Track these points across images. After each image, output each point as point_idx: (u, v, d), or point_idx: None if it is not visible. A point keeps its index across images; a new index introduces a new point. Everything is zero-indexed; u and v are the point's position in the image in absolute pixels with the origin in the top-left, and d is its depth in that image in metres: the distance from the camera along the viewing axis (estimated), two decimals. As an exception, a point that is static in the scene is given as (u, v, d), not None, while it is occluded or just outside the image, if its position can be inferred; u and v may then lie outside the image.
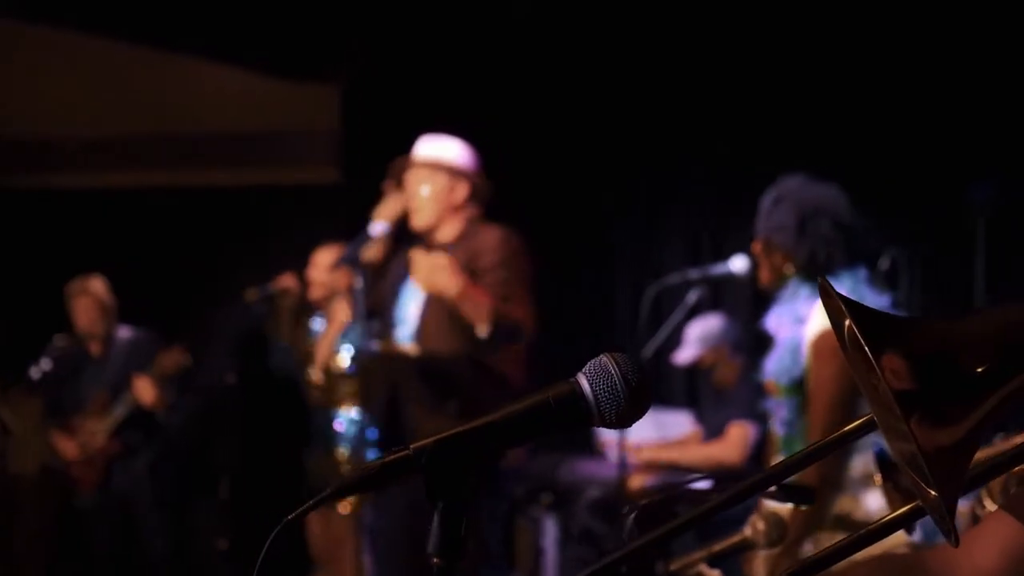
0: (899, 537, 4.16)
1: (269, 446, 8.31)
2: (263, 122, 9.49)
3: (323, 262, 7.17)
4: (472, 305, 5.62)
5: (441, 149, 6.05)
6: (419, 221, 5.95)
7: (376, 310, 6.18)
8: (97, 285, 8.26)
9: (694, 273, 5.17)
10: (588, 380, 1.72)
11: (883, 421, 1.57)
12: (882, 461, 2.99)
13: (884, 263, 6.63)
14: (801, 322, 4.33)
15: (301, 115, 9.43)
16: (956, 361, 1.53)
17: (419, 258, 5.76)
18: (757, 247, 4.54)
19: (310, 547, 7.45)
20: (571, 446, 8.03)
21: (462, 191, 5.95)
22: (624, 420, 1.73)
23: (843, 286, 4.25)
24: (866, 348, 1.52)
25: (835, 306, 1.60)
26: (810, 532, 4.11)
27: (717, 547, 3.03)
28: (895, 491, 3.02)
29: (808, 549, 4.06)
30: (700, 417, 8.10)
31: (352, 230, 8.67)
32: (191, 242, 9.40)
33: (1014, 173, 7.52)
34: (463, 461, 1.71)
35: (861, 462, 4.14)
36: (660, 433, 7.87)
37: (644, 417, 1.73)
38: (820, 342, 4.22)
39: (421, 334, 5.94)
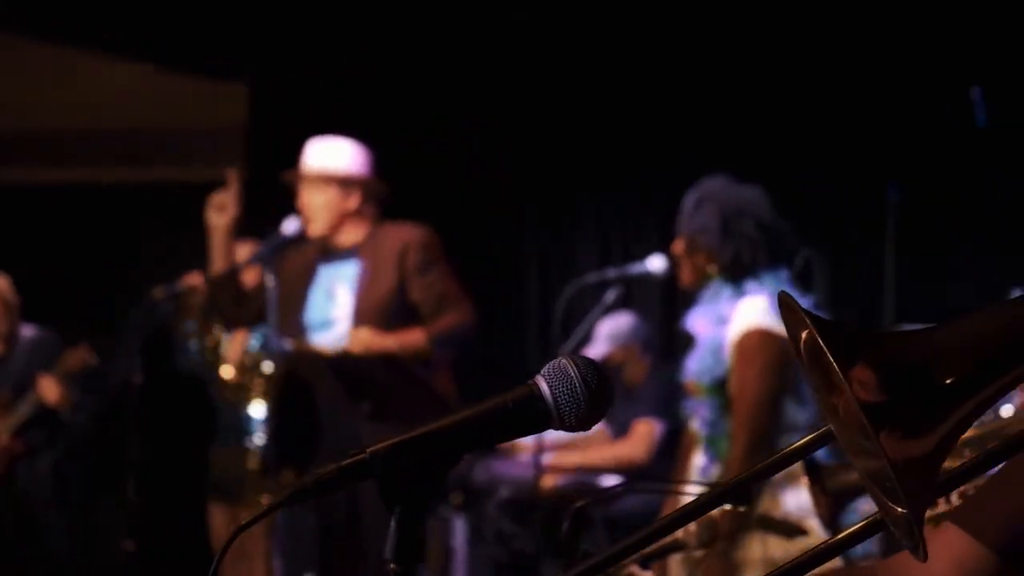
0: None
1: (176, 445, 8.21)
2: (169, 119, 9.39)
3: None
4: (412, 348, 5.66)
5: (331, 156, 6.00)
6: (315, 230, 5.99)
7: (283, 310, 6.12)
8: (0, 283, 8.14)
9: (611, 272, 5.15)
10: (547, 382, 1.70)
11: (844, 437, 1.55)
12: (809, 465, 3.00)
13: (798, 263, 6.71)
14: (723, 323, 4.34)
15: (208, 112, 9.32)
16: (926, 371, 1.52)
17: (352, 337, 5.78)
18: (679, 247, 4.53)
19: (213, 547, 7.36)
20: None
21: (355, 198, 5.94)
22: (584, 423, 1.71)
23: (766, 288, 4.27)
24: (832, 361, 1.49)
25: (795, 319, 1.57)
26: (738, 533, 4.11)
27: (648, 549, 3.00)
28: (822, 494, 3.03)
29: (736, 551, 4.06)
30: (608, 414, 8.11)
31: (258, 228, 8.65)
32: (96, 239, 9.28)
33: (921, 174, 7.62)
34: (420, 465, 1.67)
35: None
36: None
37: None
38: (744, 342, 4.24)
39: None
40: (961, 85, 7.44)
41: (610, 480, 7.50)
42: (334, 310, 6.01)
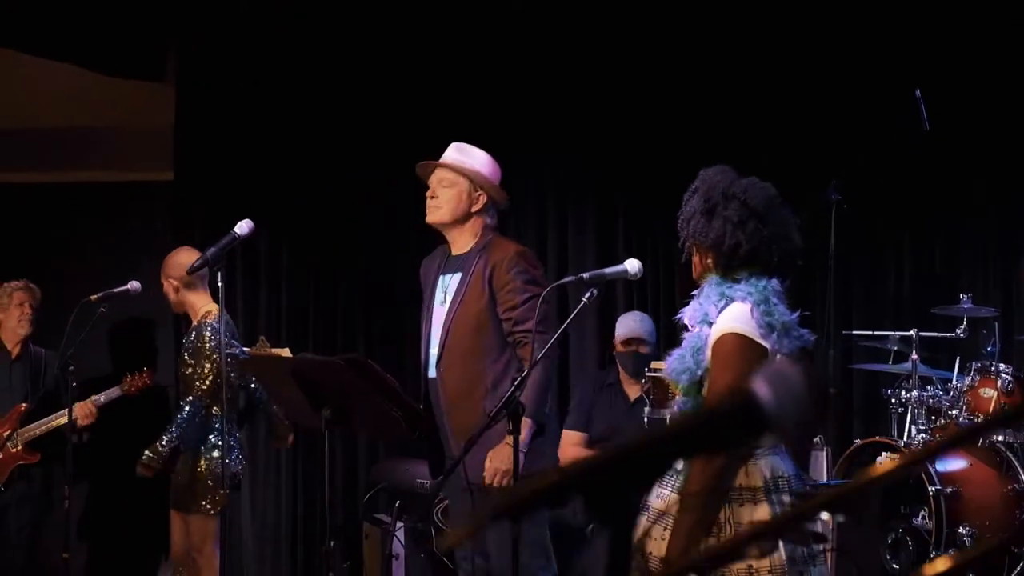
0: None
1: (115, 452, 8.01)
2: (96, 119, 9.20)
3: (181, 262, 6.91)
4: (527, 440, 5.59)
5: (469, 156, 5.97)
6: (438, 216, 5.91)
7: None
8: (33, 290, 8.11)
9: (587, 274, 5.07)
10: (768, 387, 1.57)
11: None
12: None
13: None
14: (708, 323, 4.26)
15: (135, 113, 9.14)
16: None
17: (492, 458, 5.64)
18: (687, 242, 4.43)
19: (171, 547, 7.22)
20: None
21: (481, 200, 5.90)
22: (802, 431, 1.59)
23: (754, 296, 4.19)
24: None
25: None
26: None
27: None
28: None
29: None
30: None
31: (185, 229, 8.50)
32: (21, 240, 9.06)
33: (860, 175, 7.67)
34: (629, 480, 1.56)
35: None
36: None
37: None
38: (721, 346, 4.17)
39: (446, 360, 5.86)
40: (904, 87, 7.51)
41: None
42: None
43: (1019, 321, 8.40)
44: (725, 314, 4.17)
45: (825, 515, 4.13)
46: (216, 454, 6.82)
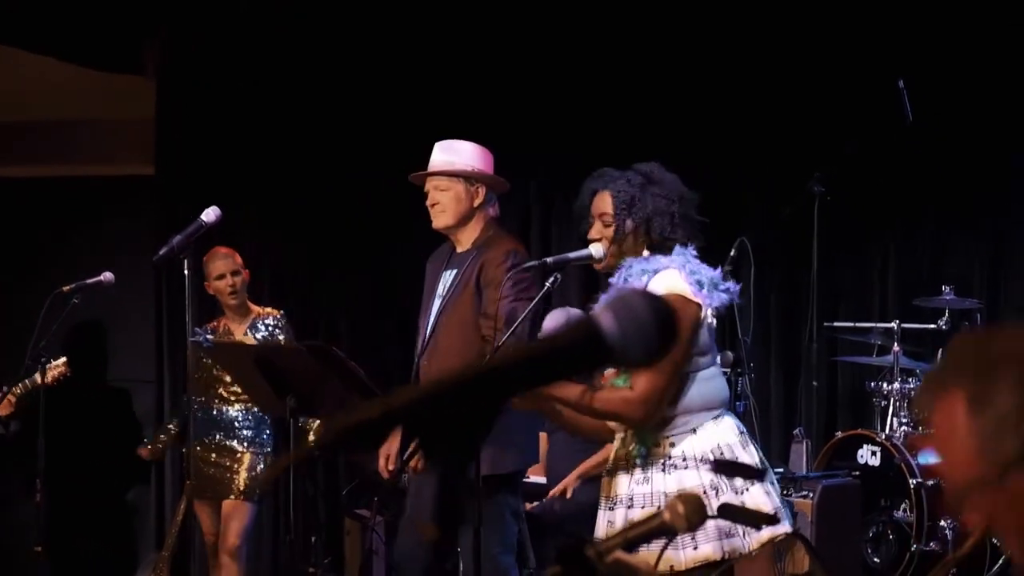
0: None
1: (85, 447, 7.97)
2: (75, 112, 9.17)
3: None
4: None
5: (457, 154, 5.95)
6: (442, 221, 5.89)
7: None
8: None
9: (551, 259, 5.02)
10: (612, 314, 1.49)
11: None
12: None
13: (733, 252, 6.66)
14: None
15: (114, 106, 9.10)
16: None
17: None
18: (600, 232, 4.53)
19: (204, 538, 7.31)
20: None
21: (480, 194, 5.91)
22: (650, 358, 1.51)
23: (676, 261, 4.30)
24: None
25: None
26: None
27: (632, 532, 2.84)
28: None
29: None
30: None
31: (165, 222, 8.45)
32: (2, 233, 9.03)
33: (843, 166, 7.63)
34: (463, 414, 1.48)
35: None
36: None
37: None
38: None
39: (430, 352, 5.85)
40: (887, 79, 7.47)
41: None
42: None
43: (1004, 313, 8.33)
44: (653, 284, 4.25)
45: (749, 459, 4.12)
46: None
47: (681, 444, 4.20)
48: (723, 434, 4.23)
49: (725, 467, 4.08)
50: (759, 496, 4.18)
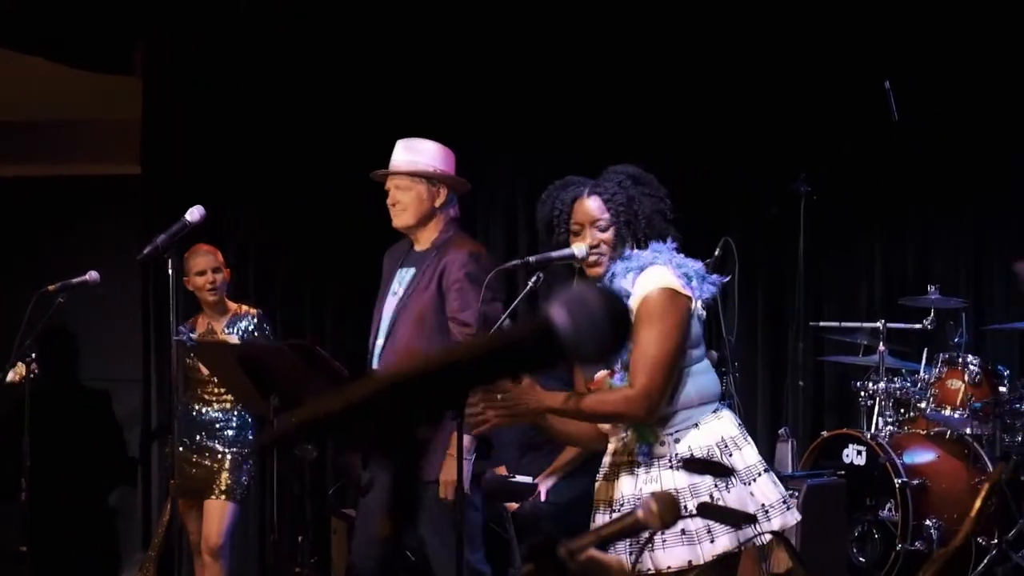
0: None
1: (69, 447, 7.96)
2: (63, 112, 9.14)
3: None
4: None
5: (418, 153, 5.91)
6: (403, 220, 5.86)
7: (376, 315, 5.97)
8: None
9: (533, 257, 5.00)
10: (565, 310, 1.49)
11: None
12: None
13: (717, 250, 6.66)
14: (627, 297, 4.25)
15: (102, 106, 9.08)
16: None
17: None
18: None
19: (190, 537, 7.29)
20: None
21: (442, 195, 5.87)
22: (603, 355, 1.51)
23: (661, 257, 4.27)
24: None
25: None
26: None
27: (606, 531, 2.84)
28: None
29: None
30: None
31: (152, 221, 8.45)
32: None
33: (831, 167, 7.64)
34: (416, 409, 1.48)
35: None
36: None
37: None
38: (642, 308, 4.16)
39: (387, 352, 5.80)
40: (873, 78, 7.47)
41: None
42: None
43: (989, 312, 8.34)
44: (642, 280, 4.21)
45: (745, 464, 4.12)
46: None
47: (685, 440, 4.17)
48: (725, 428, 4.21)
49: (696, 466, 4.07)
50: (767, 486, 4.18)
